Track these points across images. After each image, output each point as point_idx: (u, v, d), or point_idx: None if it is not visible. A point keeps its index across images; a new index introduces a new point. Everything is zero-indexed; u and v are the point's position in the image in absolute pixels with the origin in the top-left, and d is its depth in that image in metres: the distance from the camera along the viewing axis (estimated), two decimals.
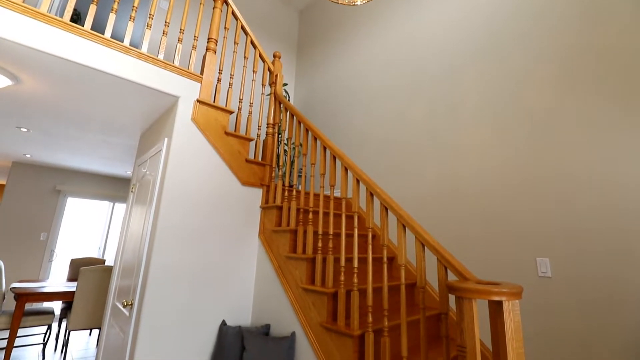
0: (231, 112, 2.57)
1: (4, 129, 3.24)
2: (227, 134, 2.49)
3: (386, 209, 1.76)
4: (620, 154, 1.81)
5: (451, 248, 2.44)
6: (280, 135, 3.58)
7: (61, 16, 2.90)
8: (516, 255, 2.11)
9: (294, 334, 1.98)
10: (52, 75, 2.05)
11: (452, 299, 2.31)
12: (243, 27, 2.79)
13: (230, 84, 2.61)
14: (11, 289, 3.27)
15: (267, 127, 2.76)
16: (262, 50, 2.90)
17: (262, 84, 2.89)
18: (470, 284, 1.12)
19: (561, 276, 1.91)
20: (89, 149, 3.86)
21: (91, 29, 4.00)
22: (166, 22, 2.35)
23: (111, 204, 6.00)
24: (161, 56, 2.28)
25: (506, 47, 2.43)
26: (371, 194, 1.83)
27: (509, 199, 2.21)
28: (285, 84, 3.51)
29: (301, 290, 2.03)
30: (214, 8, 2.63)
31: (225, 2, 2.70)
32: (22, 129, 3.17)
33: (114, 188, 5.90)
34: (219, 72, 2.58)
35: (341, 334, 1.71)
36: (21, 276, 4.83)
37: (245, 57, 2.73)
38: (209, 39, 2.56)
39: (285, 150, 3.65)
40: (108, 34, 2.05)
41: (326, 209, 2.83)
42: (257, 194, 2.60)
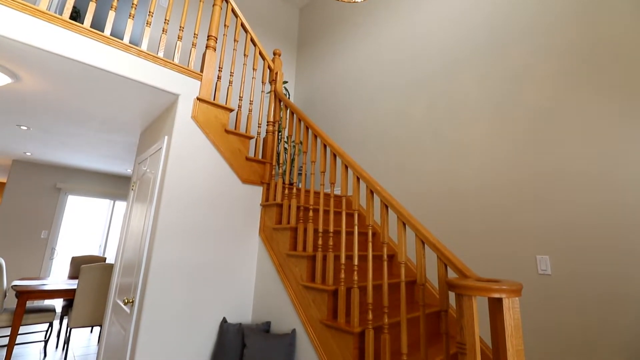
0: (231, 110, 2.56)
1: (4, 127, 3.24)
2: (227, 131, 2.49)
3: (386, 207, 1.76)
4: (621, 151, 1.81)
5: (451, 245, 2.45)
6: (280, 133, 3.57)
7: (60, 14, 2.89)
8: (516, 253, 2.11)
9: (294, 331, 1.98)
10: (51, 73, 2.05)
11: (452, 296, 2.32)
12: (243, 25, 2.78)
13: (230, 82, 2.60)
14: (12, 286, 3.28)
15: (267, 125, 2.76)
16: (262, 47, 2.89)
17: (262, 82, 2.88)
18: (470, 282, 1.13)
19: (561, 274, 1.91)
20: (89, 146, 3.86)
21: (90, 26, 3.99)
22: (166, 19, 2.35)
23: (112, 202, 6.00)
24: (161, 54, 2.27)
25: (506, 43, 2.42)
26: (371, 192, 1.83)
27: (508, 196, 2.21)
28: (286, 82, 3.50)
29: (301, 288, 2.04)
30: (213, 5, 2.62)
31: None
32: (22, 127, 3.17)
33: (115, 186, 5.91)
34: (219, 70, 2.58)
35: (341, 331, 1.72)
36: (22, 274, 4.84)
37: (245, 54, 2.73)
38: (208, 36, 2.55)
39: (286, 148, 3.65)
40: (107, 31, 2.05)
41: (326, 206, 2.83)
42: (257, 191, 2.60)
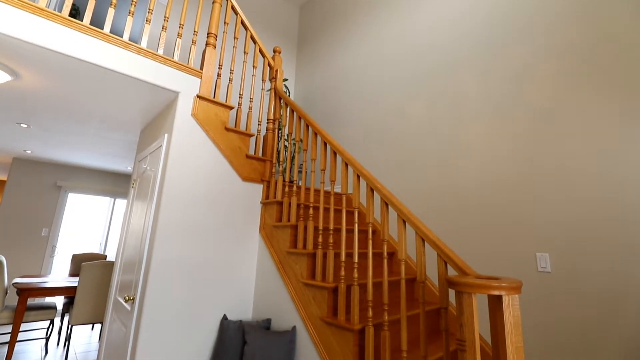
0: (231, 108, 2.56)
1: (4, 125, 3.24)
2: (227, 129, 2.49)
3: (386, 205, 1.76)
4: (620, 148, 1.80)
5: (451, 243, 2.45)
6: (280, 131, 3.57)
7: (60, 11, 2.88)
8: (516, 251, 2.11)
9: (294, 328, 1.99)
10: (51, 70, 2.04)
11: (451, 293, 2.33)
12: (243, 22, 2.77)
13: (230, 80, 2.60)
14: (13, 284, 3.29)
15: (267, 123, 2.75)
16: (262, 45, 2.88)
17: (262, 80, 2.88)
18: (470, 279, 1.13)
19: (561, 271, 1.92)
20: (89, 144, 3.86)
21: (90, 23, 3.97)
22: (165, 16, 2.34)
23: (112, 199, 6.01)
24: (160, 51, 2.27)
25: (506, 41, 2.41)
26: (372, 190, 1.83)
27: (508, 194, 2.21)
28: (286, 80, 3.49)
29: (302, 285, 2.04)
30: (213, 2, 2.61)
31: None
32: (22, 124, 3.17)
33: (115, 184, 5.91)
34: (218, 68, 2.57)
35: (342, 328, 1.72)
36: (23, 271, 4.85)
37: (245, 52, 2.72)
38: (208, 33, 2.54)
39: (286, 146, 3.65)
40: (107, 29, 2.04)
41: (326, 204, 2.84)
42: (257, 189, 2.60)
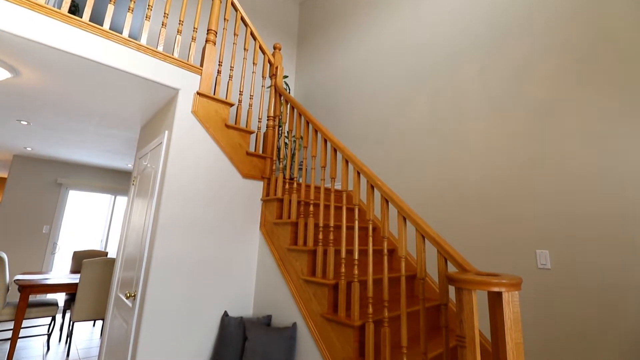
0: (231, 105, 2.56)
1: (4, 122, 3.24)
2: (227, 126, 2.48)
3: (387, 202, 1.76)
4: (620, 145, 1.80)
5: (451, 239, 2.45)
6: (280, 128, 3.57)
7: (59, 7, 2.87)
8: (516, 247, 2.12)
9: (295, 325, 2.00)
10: (50, 67, 2.04)
11: (451, 290, 2.34)
12: (243, 19, 2.76)
13: (230, 76, 2.59)
14: (15, 281, 3.30)
15: (267, 120, 2.75)
16: (262, 42, 2.87)
17: (262, 76, 2.87)
18: (470, 275, 1.13)
19: (561, 268, 1.92)
20: (89, 142, 3.86)
21: (89, 20, 3.96)
22: (165, 13, 2.33)
23: (112, 196, 6.01)
24: (160, 48, 2.26)
25: (507, 37, 2.40)
26: (372, 187, 1.83)
27: (508, 191, 2.21)
28: (286, 76, 3.48)
29: (302, 282, 2.05)
30: None
31: None
32: (22, 122, 3.17)
33: (115, 181, 5.91)
34: (218, 64, 2.56)
35: (342, 324, 1.73)
36: (24, 268, 4.87)
37: (245, 49, 2.71)
38: (208, 30, 2.53)
39: (286, 143, 3.64)
40: (107, 25, 2.03)
41: (327, 201, 2.84)
42: (258, 186, 2.60)
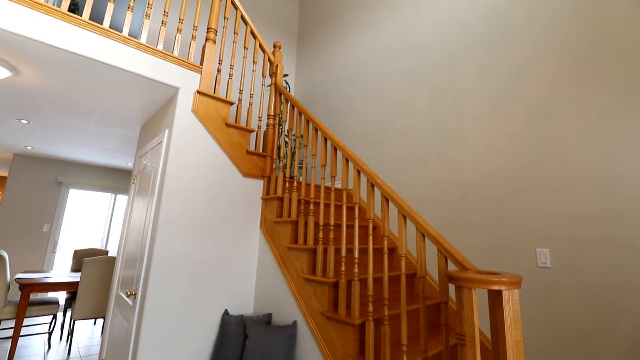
0: (231, 103, 2.55)
1: (4, 121, 3.24)
2: (227, 125, 2.48)
3: (387, 200, 1.76)
4: (620, 144, 1.80)
5: (451, 238, 2.45)
6: (281, 127, 3.56)
7: (59, 6, 2.87)
8: (516, 246, 2.12)
9: (295, 323, 2.01)
10: (50, 66, 2.03)
11: (451, 288, 2.34)
12: (243, 17, 2.75)
13: (230, 75, 2.58)
14: (16, 279, 3.31)
15: (267, 119, 2.75)
16: (262, 40, 2.87)
17: (263, 75, 2.87)
18: (470, 274, 1.13)
19: (561, 267, 1.92)
20: (89, 140, 3.86)
21: (89, 18, 3.95)
22: (165, 11, 2.32)
23: (113, 195, 6.02)
24: (160, 46, 2.25)
25: (507, 37, 2.40)
26: (372, 185, 1.83)
27: (509, 189, 2.21)
28: (286, 75, 3.48)
29: (302, 280, 2.05)
30: None
31: None
32: (22, 120, 3.17)
33: (116, 180, 5.92)
34: (218, 63, 2.56)
35: (342, 322, 1.74)
36: (25, 267, 4.88)
37: (245, 47, 2.71)
38: (208, 28, 2.53)
39: (286, 142, 3.64)
40: (106, 23, 2.03)
41: (327, 200, 2.84)
42: (258, 185, 2.60)
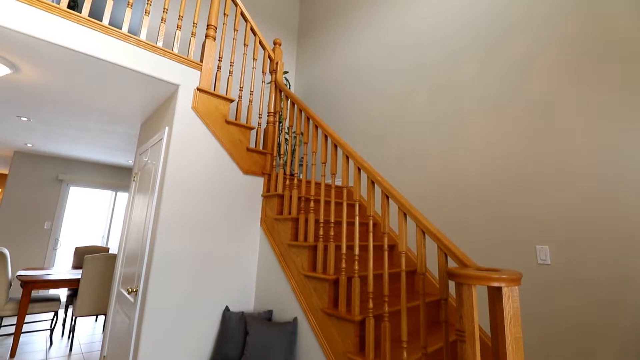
0: (232, 101, 2.55)
1: (4, 118, 3.24)
2: (227, 122, 2.48)
3: (387, 197, 1.76)
4: (620, 140, 1.80)
5: (451, 235, 2.46)
6: (281, 124, 3.56)
7: (58, 3, 2.85)
8: (516, 243, 2.12)
9: (296, 319, 2.01)
10: (50, 63, 2.03)
11: (451, 285, 2.35)
12: (243, 14, 2.74)
13: (230, 72, 2.58)
14: (17, 276, 3.32)
15: (268, 116, 2.74)
16: (262, 37, 2.86)
17: (263, 72, 2.86)
18: (470, 271, 1.14)
19: (561, 263, 1.93)
20: (89, 138, 3.86)
21: (89, 15, 3.93)
22: (165, 8, 2.32)
23: (113, 192, 6.02)
24: (160, 43, 2.25)
25: (507, 34, 2.39)
26: (372, 182, 1.83)
27: (509, 186, 2.21)
28: (286, 72, 3.47)
29: (303, 277, 2.06)
30: None
31: None
32: (22, 118, 3.16)
33: (116, 177, 5.92)
34: (218, 60, 2.55)
35: (342, 319, 1.74)
36: (26, 264, 4.90)
37: (245, 44, 2.70)
38: (208, 25, 2.52)
39: (287, 139, 3.64)
40: (106, 20, 2.03)
41: (327, 197, 2.84)
42: (258, 182, 2.61)
